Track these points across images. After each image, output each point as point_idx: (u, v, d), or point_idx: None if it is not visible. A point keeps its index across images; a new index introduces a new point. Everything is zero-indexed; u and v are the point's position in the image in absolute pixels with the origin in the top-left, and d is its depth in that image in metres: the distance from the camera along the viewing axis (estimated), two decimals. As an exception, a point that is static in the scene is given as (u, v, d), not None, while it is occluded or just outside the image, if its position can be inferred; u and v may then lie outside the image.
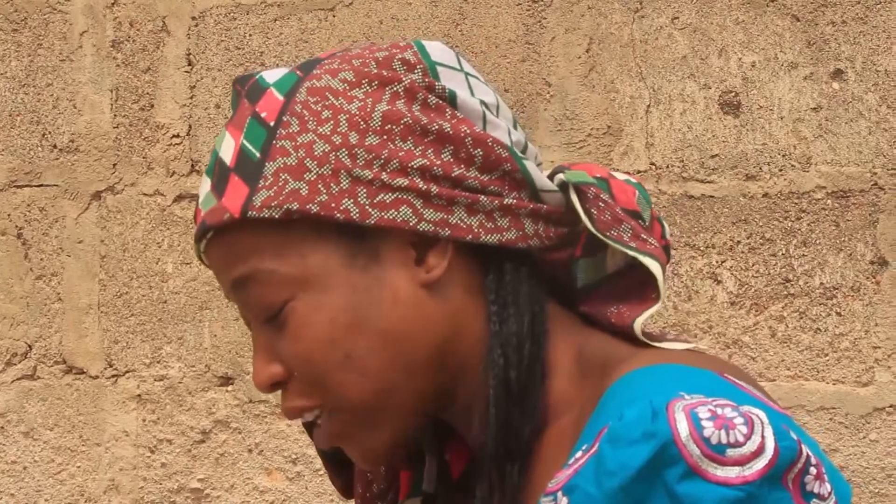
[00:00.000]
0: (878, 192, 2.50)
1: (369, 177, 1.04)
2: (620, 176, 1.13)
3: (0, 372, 3.02)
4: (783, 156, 2.55)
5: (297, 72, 1.09)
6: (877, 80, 2.50)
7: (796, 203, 2.54)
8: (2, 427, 3.02)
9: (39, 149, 2.98)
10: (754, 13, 2.56)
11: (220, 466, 2.90)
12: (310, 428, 1.19)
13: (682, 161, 2.60)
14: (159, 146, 2.91)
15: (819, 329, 2.53)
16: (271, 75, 1.09)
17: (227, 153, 1.07)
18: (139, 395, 2.94)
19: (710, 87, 2.58)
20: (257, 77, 1.09)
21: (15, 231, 3.00)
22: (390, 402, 1.06)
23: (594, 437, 0.97)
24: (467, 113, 1.08)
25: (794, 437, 0.94)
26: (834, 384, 2.52)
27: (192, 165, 2.90)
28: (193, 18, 2.89)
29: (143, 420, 2.94)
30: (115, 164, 2.94)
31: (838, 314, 2.51)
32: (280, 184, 1.04)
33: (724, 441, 0.92)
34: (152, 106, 2.92)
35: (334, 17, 2.80)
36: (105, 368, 2.96)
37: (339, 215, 1.04)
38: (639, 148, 2.63)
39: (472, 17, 2.72)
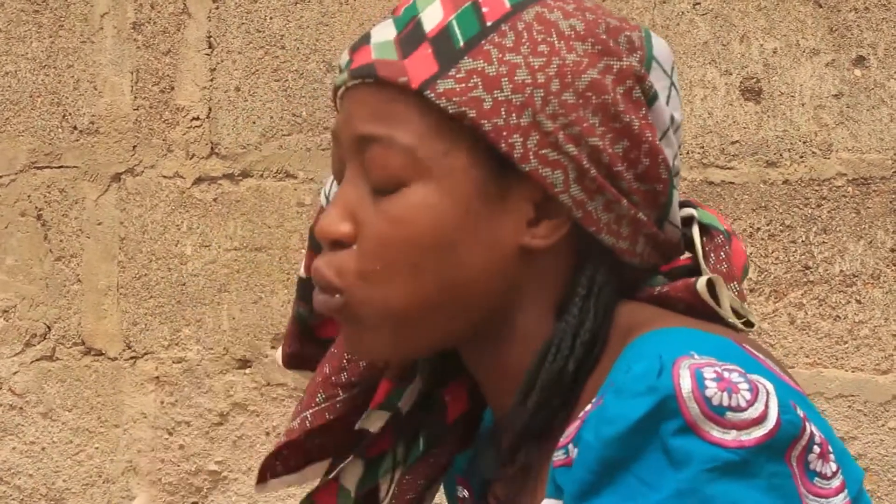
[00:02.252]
0: (899, 180, 2.49)
1: (549, 128, 1.03)
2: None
3: (19, 353, 3.02)
4: (804, 142, 2.54)
5: None
6: (899, 67, 2.49)
7: (817, 190, 2.53)
8: (21, 408, 3.03)
9: (60, 130, 2.98)
10: (776, -1, 2.56)
11: (237, 449, 2.91)
12: (305, 289, 1.18)
13: (703, 147, 2.59)
14: (179, 128, 2.92)
15: (839, 316, 2.52)
16: None
17: (430, 20, 1.05)
18: (157, 378, 2.95)
19: (731, 74, 2.58)
20: None
21: (35, 212, 3.01)
22: (421, 327, 1.05)
23: (605, 389, 0.97)
24: (656, 119, 1.07)
25: (800, 413, 0.93)
26: (853, 372, 2.52)
27: (212, 148, 2.90)
28: (214, 1, 2.89)
29: (162, 402, 2.95)
30: (134, 147, 2.95)
31: (858, 302, 2.51)
32: (470, 84, 1.02)
33: (725, 403, 0.91)
34: (172, 88, 2.92)
35: (355, 0, 2.80)
36: (123, 350, 2.96)
37: (503, 145, 1.02)
38: (659, 134, 2.62)
39: None
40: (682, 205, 1.12)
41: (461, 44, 1.03)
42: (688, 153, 2.60)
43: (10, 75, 3.00)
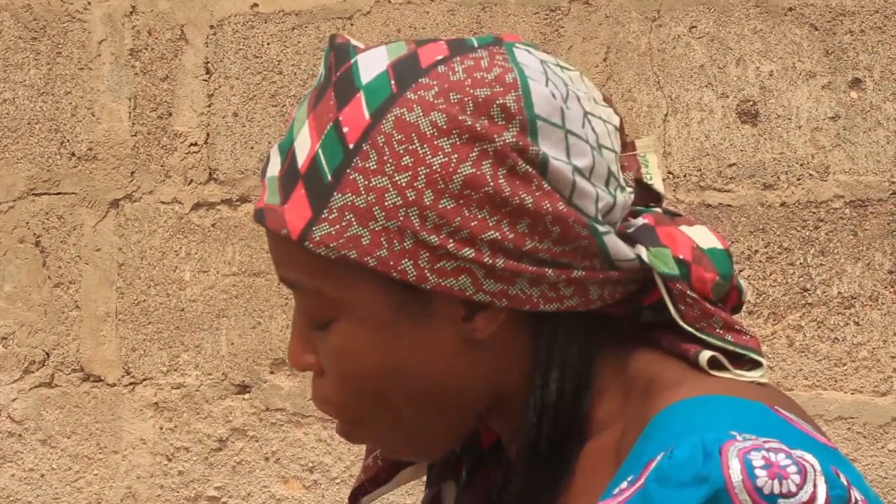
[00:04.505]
0: (896, 202, 2.49)
1: (435, 242, 1.00)
2: (698, 232, 1.09)
3: (18, 380, 3.02)
4: (801, 165, 2.54)
5: (393, 81, 1.02)
6: (895, 89, 2.50)
7: (814, 212, 2.54)
8: (19, 434, 3.03)
9: (58, 157, 2.99)
10: (772, 22, 2.56)
11: (236, 474, 2.91)
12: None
13: (700, 170, 2.60)
14: (177, 154, 2.92)
15: (837, 338, 2.52)
16: (368, 68, 1.03)
17: (302, 151, 1.03)
18: (156, 403, 2.94)
19: (727, 96, 2.58)
20: (352, 63, 1.03)
21: (33, 239, 3.01)
22: (429, 431, 1.06)
23: (640, 468, 0.95)
24: (555, 182, 1.01)
25: (844, 480, 0.93)
26: (852, 394, 2.52)
27: (210, 174, 2.91)
28: (211, 27, 2.90)
29: (161, 428, 2.94)
30: (132, 173, 2.95)
31: (856, 324, 2.51)
32: (343, 223, 1.00)
33: (776, 491, 0.91)
34: (170, 114, 2.93)
35: (352, 25, 2.80)
36: (122, 376, 2.96)
37: (395, 274, 1.00)
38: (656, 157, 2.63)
39: (490, 26, 2.72)
40: (637, 213, 1.08)
41: (329, 178, 1.01)
42: (685, 176, 2.61)
43: (8, 102, 3.01)
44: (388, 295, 1.02)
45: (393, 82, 1.02)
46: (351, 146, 1.01)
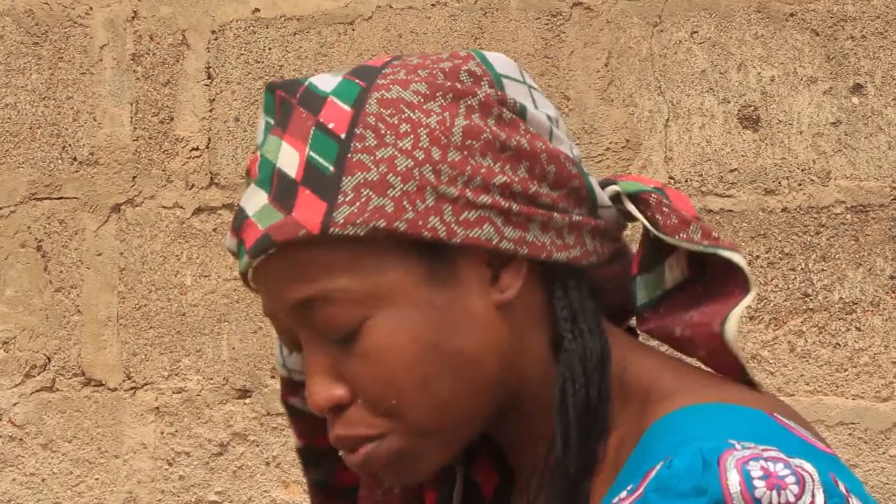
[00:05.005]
0: (897, 207, 2.50)
1: (454, 194, 1.01)
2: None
3: (19, 384, 3.02)
4: (802, 170, 2.55)
5: (356, 80, 1.04)
6: (896, 94, 2.50)
7: (815, 218, 2.54)
8: (20, 439, 3.03)
9: (59, 161, 2.99)
10: (773, 28, 2.56)
11: (237, 479, 2.91)
12: (311, 455, 1.17)
13: (701, 175, 2.60)
14: (179, 159, 2.92)
15: (838, 344, 2.52)
16: (324, 82, 1.05)
17: (290, 165, 1.02)
18: (157, 408, 2.94)
19: (729, 102, 2.58)
20: (307, 84, 1.05)
21: (34, 243, 3.01)
22: (454, 424, 1.04)
23: (640, 477, 0.95)
24: (537, 127, 1.06)
25: (842, 488, 0.93)
26: (853, 399, 2.52)
27: (212, 178, 2.91)
28: (213, 32, 2.90)
29: (162, 432, 2.94)
30: (134, 177, 2.95)
31: (858, 329, 2.51)
32: (363, 200, 1.00)
33: (774, 502, 0.91)
34: (172, 119, 2.93)
35: (353, 30, 2.80)
36: (123, 381, 2.96)
37: (426, 233, 1.01)
38: (657, 162, 2.63)
39: (491, 31, 2.73)
40: (606, 183, 1.10)
41: (331, 169, 1.01)
42: (686, 181, 2.61)
43: (10, 107, 3.01)
44: (417, 269, 1.02)
45: (357, 81, 1.04)
46: (343, 135, 1.02)
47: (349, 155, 1.01)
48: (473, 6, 2.74)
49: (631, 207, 1.08)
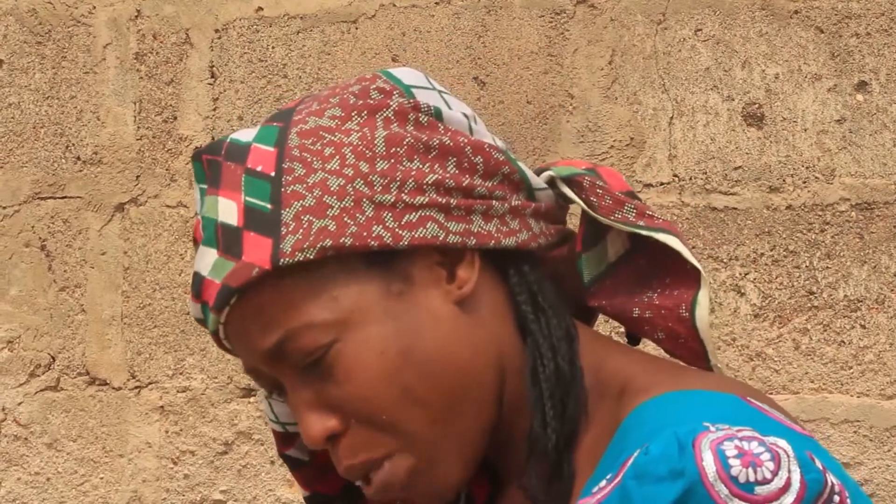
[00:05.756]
0: (902, 205, 2.49)
1: (391, 200, 1.03)
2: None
3: (23, 383, 3.02)
4: (807, 168, 2.54)
5: (274, 123, 1.07)
6: (901, 91, 2.50)
7: (820, 215, 2.53)
8: (25, 438, 3.03)
9: (63, 161, 2.99)
10: (778, 25, 2.56)
11: (242, 478, 2.91)
12: (311, 500, 1.17)
13: (706, 173, 2.60)
14: (182, 158, 2.92)
15: (843, 342, 2.52)
16: (244, 135, 1.07)
17: (230, 215, 1.04)
18: (162, 407, 2.95)
19: (733, 99, 2.58)
20: (229, 140, 1.07)
21: (38, 243, 3.01)
22: (455, 429, 1.05)
23: (618, 466, 0.96)
24: (455, 125, 1.08)
25: (819, 465, 0.94)
26: (858, 397, 2.51)
27: (215, 177, 2.91)
28: (216, 31, 2.90)
29: (166, 431, 2.94)
30: (138, 176, 2.95)
31: (862, 327, 2.51)
32: (305, 226, 1.02)
33: (751, 479, 0.92)
34: (175, 118, 2.93)
35: (357, 29, 2.80)
36: (128, 380, 2.96)
37: (373, 243, 1.02)
38: (662, 160, 2.62)
39: (495, 28, 2.72)
40: (540, 170, 1.13)
41: (269, 206, 1.03)
42: (690, 179, 2.60)
43: (14, 106, 3.01)
44: (371, 285, 1.04)
45: (275, 124, 1.07)
46: (273, 173, 1.04)
47: (283, 189, 1.03)
48: (477, 4, 2.73)
49: (566, 190, 1.10)
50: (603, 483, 0.96)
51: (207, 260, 1.05)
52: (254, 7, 2.87)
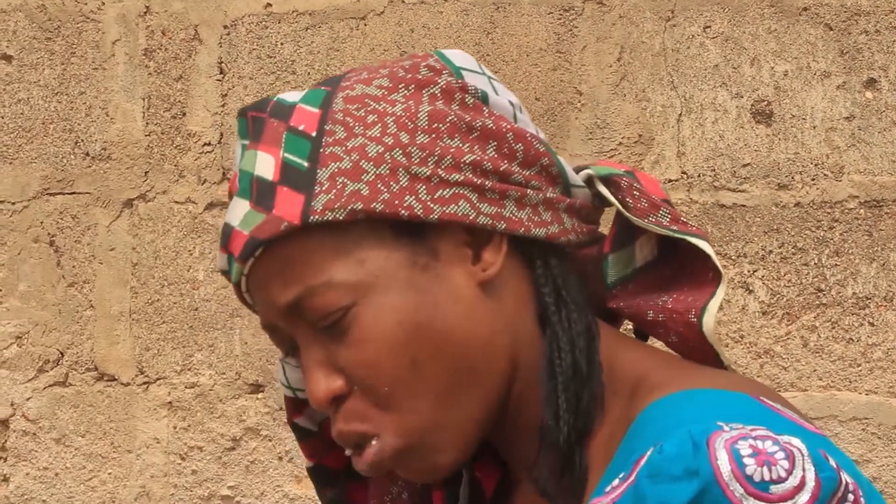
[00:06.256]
0: (911, 202, 2.49)
1: (427, 173, 1.04)
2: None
3: (32, 379, 3.03)
4: (815, 165, 2.54)
5: (322, 87, 1.08)
6: (910, 89, 2.50)
7: (829, 212, 2.53)
8: (34, 433, 3.03)
9: (72, 156, 2.99)
10: (787, 22, 2.56)
11: (250, 474, 2.91)
12: (321, 475, 1.17)
13: (714, 170, 2.59)
14: (191, 154, 2.92)
15: (852, 339, 2.52)
16: (291, 95, 1.09)
17: (267, 169, 1.06)
18: (170, 403, 2.95)
19: (742, 96, 2.58)
20: (275, 99, 1.09)
21: (47, 238, 3.01)
22: (455, 413, 1.05)
23: (631, 465, 0.96)
24: (500, 111, 1.09)
25: (833, 464, 0.94)
26: (867, 394, 2.51)
27: (224, 173, 2.91)
28: (225, 27, 2.90)
29: (174, 427, 2.95)
30: (146, 172, 2.95)
31: (871, 324, 2.51)
32: (339, 187, 1.03)
33: (766, 478, 0.92)
34: (184, 114, 2.93)
35: (366, 25, 2.80)
36: (136, 375, 2.97)
37: (403, 212, 1.03)
38: (670, 157, 2.62)
39: (504, 25, 2.72)
40: (580, 168, 1.13)
41: (306, 164, 1.04)
42: (699, 176, 2.60)
43: (23, 102, 3.01)
44: (398, 253, 1.04)
45: (323, 87, 1.08)
46: (314, 133, 1.05)
47: (321, 149, 1.04)
48: (486, 1, 2.73)
49: (603, 190, 1.10)
50: (616, 482, 0.96)
51: (238, 211, 1.06)
52: (262, 3, 2.88)
